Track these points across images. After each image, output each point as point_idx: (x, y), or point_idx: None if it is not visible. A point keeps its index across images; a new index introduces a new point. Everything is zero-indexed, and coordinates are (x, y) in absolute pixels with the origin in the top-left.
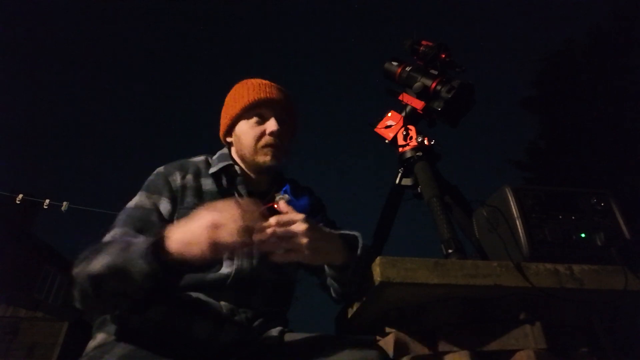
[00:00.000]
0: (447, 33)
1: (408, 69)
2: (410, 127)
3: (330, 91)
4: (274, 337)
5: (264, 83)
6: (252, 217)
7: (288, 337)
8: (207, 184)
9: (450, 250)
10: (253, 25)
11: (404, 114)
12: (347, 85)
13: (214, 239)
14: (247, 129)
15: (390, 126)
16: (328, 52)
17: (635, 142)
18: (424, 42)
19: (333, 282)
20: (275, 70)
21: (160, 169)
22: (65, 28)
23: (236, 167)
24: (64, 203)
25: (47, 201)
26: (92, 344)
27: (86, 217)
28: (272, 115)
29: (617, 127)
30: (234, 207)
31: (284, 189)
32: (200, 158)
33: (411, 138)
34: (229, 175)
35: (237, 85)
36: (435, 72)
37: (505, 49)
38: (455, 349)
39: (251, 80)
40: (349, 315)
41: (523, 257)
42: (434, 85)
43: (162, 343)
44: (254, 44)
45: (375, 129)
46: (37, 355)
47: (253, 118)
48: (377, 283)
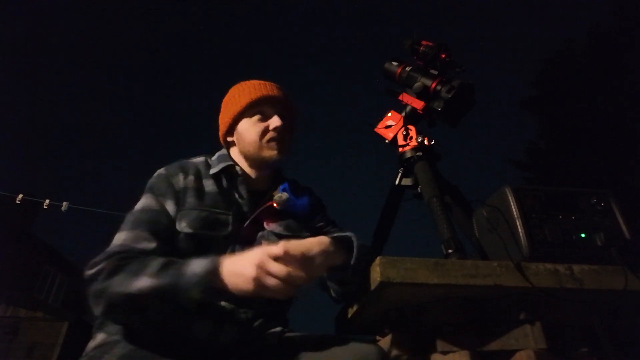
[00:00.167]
0: (447, 33)
1: (408, 69)
2: (410, 127)
3: (330, 91)
4: (274, 337)
5: (263, 82)
6: (297, 268)
7: (288, 337)
8: (208, 184)
9: (450, 250)
10: (253, 26)
11: (404, 114)
12: (347, 85)
13: (259, 277)
14: (249, 126)
15: (390, 126)
16: (328, 52)
17: (635, 142)
18: (424, 42)
19: (332, 282)
20: (276, 70)
21: (161, 170)
22: (65, 28)
23: (237, 168)
24: (64, 203)
25: (47, 201)
26: (92, 344)
27: (86, 218)
28: (274, 112)
29: (617, 127)
30: (289, 256)
31: (283, 187)
32: (200, 159)
33: (411, 138)
34: (229, 175)
35: (234, 87)
36: (435, 72)
37: (506, 49)
38: (455, 349)
39: (250, 81)
40: (349, 315)
41: (523, 257)
42: (434, 85)
43: (162, 343)
44: (254, 44)
45: (375, 129)
46: (37, 355)
47: (255, 116)
48: (377, 283)
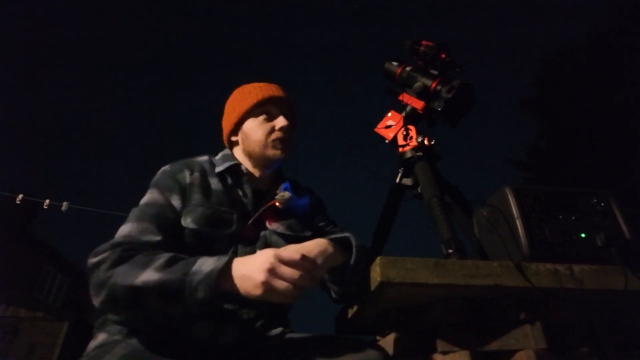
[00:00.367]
0: (447, 33)
1: (408, 69)
2: (411, 127)
3: (329, 91)
4: (275, 337)
5: (267, 84)
6: (308, 274)
7: (289, 338)
8: (214, 182)
9: (450, 250)
10: (253, 26)
11: (404, 114)
12: (347, 85)
13: (269, 282)
14: (255, 126)
15: (390, 126)
16: (328, 52)
17: (636, 143)
18: (424, 42)
19: (332, 283)
20: (276, 70)
21: (166, 167)
22: (66, 28)
23: (242, 167)
24: (64, 203)
25: (47, 201)
26: (93, 343)
27: (86, 218)
28: (280, 112)
29: (618, 127)
30: (298, 261)
31: (284, 186)
32: (204, 158)
33: (411, 138)
34: (234, 174)
35: (238, 89)
36: (436, 72)
37: (506, 49)
38: (455, 349)
39: (254, 83)
40: (349, 315)
41: (523, 257)
42: (434, 85)
43: (163, 343)
44: (253, 44)
45: (376, 129)
46: (37, 355)
47: (261, 116)
48: (377, 283)
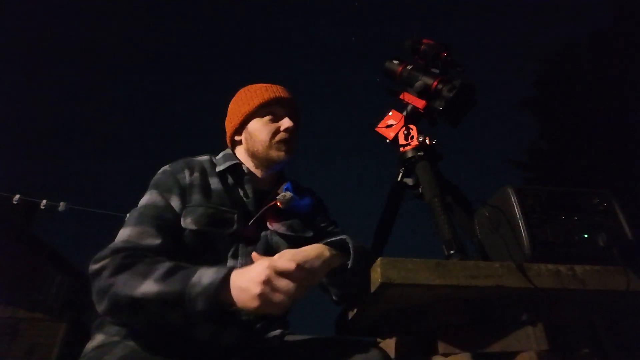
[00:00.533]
0: (447, 33)
1: (409, 67)
2: (412, 126)
3: (330, 90)
4: (275, 339)
5: (272, 85)
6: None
7: (289, 339)
8: (214, 182)
9: (451, 251)
10: (253, 26)
11: (405, 113)
12: (348, 84)
13: (264, 294)
14: (260, 126)
15: (391, 125)
16: (328, 52)
17: (636, 142)
18: (424, 41)
19: (331, 286)
20: (275, 70)
21: (166, 167)
22: (66, 28)
23: (243, 166)
24: (62, 203)
25: (44, 201)
26: (90, 344)
27: (84, 218)
28: (284, 113)
29: (618, 127)
30: (293, 272)
31: (286, 186)
32: (205, 157)
33: (412, 137)
34: (235, 174)
35: (242, 89)
36: (437, 71)
37: (506, 49)
38: (456, 350)
39: (258, 84)
40: (350, 317)
41: (525, 258)
42: (435, 84)
43: (162, 344)
44: (253, 44)
45: (376, 129)
46: (37, 356)
47: (266, 116)
48: (377, 284)
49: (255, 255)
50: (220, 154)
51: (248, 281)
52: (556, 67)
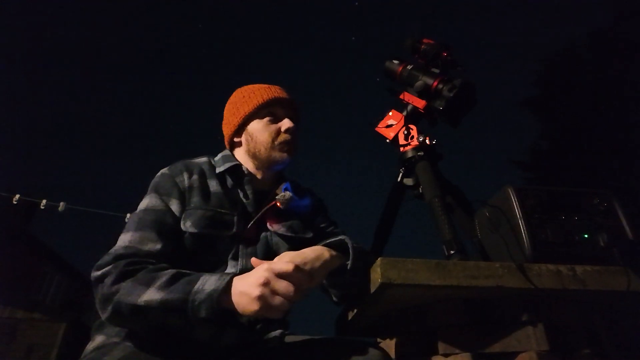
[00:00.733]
0: (447, 33)
1: (409, 67)
2: (412, 126)
3: (330, 90)
4: (275, 339)
5: (270, 85)
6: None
7: (289, 340)
8: (213, 184)
9: (451, 251)
10: (253, 26)
11: (405, 113)
12: (348, 84)
13: (264, 296)
14: (261, 127)
15: (391, 125)
16: (328, 51)
17: (637, 143)
18: (425, 40)
19: (331, 287)
20: (275, 69)
21: (164, 170)
22: (66, 28)
23: (243, 167)
24: (61, 203)
25: (44, 201)
26: (90, 345)
27: (83, 218)
28: (285, 114)
29: (619, 127)
30: (292, 273)
31: (285, 186)
32: (203, 159)
33: (412, 137)
34: (235, 175)
35: (240, 89)
36: (437, 71)
37: (507, 49)
38: (456, 350)
39: (255, 85)
40: (350, 317)
41: (525, 258)
42: (435, 83)
43: (162, 345)
44: (253, 44)
45: (376, 129)
46: (35, 357)
47: (266, 117)
48: (378, 284)
49: (255, 261)
50: (219, 155)
51: (247, 285)
52: (556, 67)
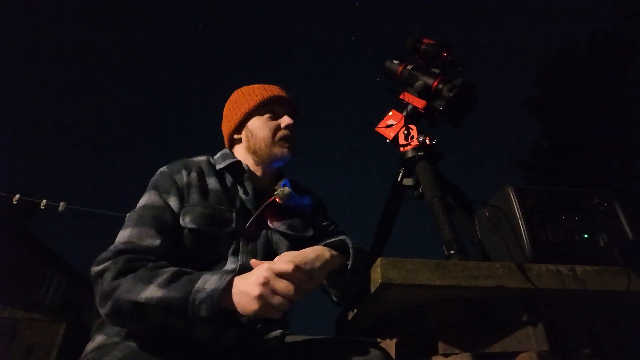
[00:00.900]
0: (448, 33)
1: (409, 67)
2: (412, 126)
3: (330, 90)
4: (275, 339)
5: (269, 85)
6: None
7: (289, 340)
8: (211, 182)
9: (452, 251)
10: (253, 26)
11: (405, 113)
12: (348, 84)
13: (263, 295)
14: (261, 124)
15: (391, 125)
16: (328, 51)
17: (637, 143)
18: (425, 40)
19: (331, 288)
20: (275, 69)
21: (163, 168)
22: (66, 28)
23: (243, 164)
24: (61, 203)
25: (44, 201)
26: (90, 345)
27: (83, 218)
28: (284, 111)
29: (620, 127)
30: (291, 273)
31: (284, 182)
32: (202, 158)
33: (412, 137)
34: (234, 172)
35: (238, 90)
36: (437, 71)
37: (507, 49)
38: (456, 350)
39: (255, 85)
40: (350, 317)
41: (525, 258)
42: (435, 83)
43: (162, 345)
44: (253, 44)
45: (376, 129)
46: (35, 357)
47: (266, 114)
48: (378, 285)
49: (255, 261)
50: (218, 154)
51: (248, 284)
52: (556, 67)
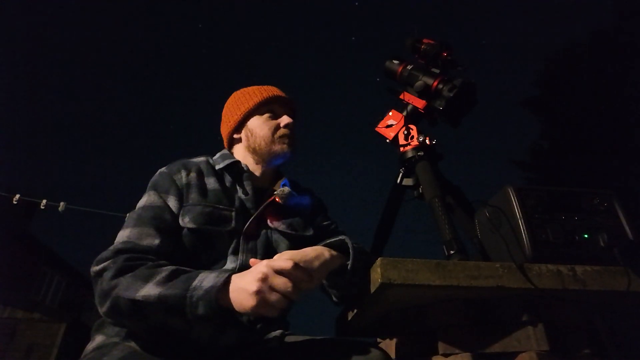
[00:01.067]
0: (448, 33)
1: (409, 67)
2: (412, 126)
3: (329, 90)
4: (275, 339)
5: (268, 86)
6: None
7: (289, 340)
8: (211, 182)
9: (452, 251)
10: (252, 26)
11: (405, 113)
12: (348, 84)
13: (261, 292)
14: (261, 123)
15: (391, 125)
16: (328, 51)
17: (637, 143)
18: (425, 40)
19: (331, 288)
20: (275, 69)
21: (163, 169)
22: (66, 28)
23: (242, 164)
24: (61, 203)
25: (44, 201)
26: (90, 345)
27: (83, 218)
28: (283, 111)
29: (620, 127)
30: (290, 270)
31: (283, 182)
32: (201, 158)
33: (412, 137)
34: (234, 172)
35: (238, 91)
36: (437, 71)
37: (507, 49)
38: (456, 350)
39: (254, 86)
40: (350, 318)
41: (525, 258)
42: (435, 83)
43: (162, 345)
44: (253, 44)
45: (376, 129)
46: (35, 357)
47: (266, 114)
48: (378, 285)
49: (254, 261)
50: (218, 154)
51: (245, 281)
52: (557, 67)
